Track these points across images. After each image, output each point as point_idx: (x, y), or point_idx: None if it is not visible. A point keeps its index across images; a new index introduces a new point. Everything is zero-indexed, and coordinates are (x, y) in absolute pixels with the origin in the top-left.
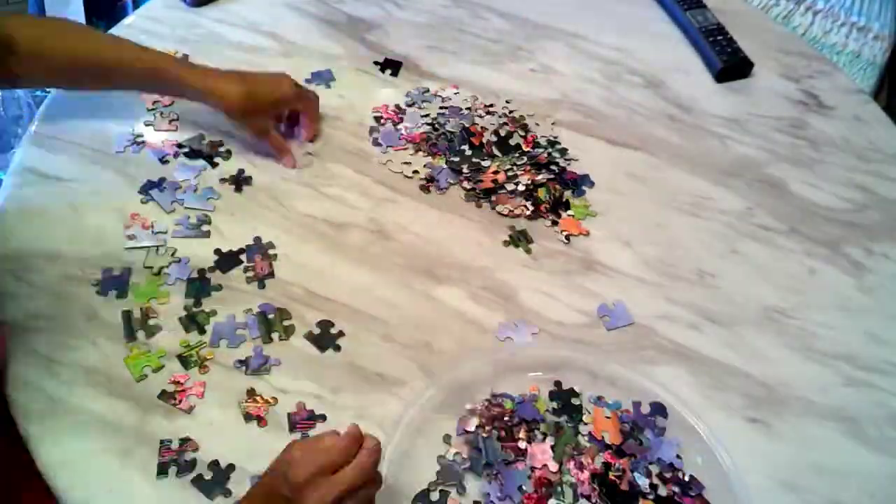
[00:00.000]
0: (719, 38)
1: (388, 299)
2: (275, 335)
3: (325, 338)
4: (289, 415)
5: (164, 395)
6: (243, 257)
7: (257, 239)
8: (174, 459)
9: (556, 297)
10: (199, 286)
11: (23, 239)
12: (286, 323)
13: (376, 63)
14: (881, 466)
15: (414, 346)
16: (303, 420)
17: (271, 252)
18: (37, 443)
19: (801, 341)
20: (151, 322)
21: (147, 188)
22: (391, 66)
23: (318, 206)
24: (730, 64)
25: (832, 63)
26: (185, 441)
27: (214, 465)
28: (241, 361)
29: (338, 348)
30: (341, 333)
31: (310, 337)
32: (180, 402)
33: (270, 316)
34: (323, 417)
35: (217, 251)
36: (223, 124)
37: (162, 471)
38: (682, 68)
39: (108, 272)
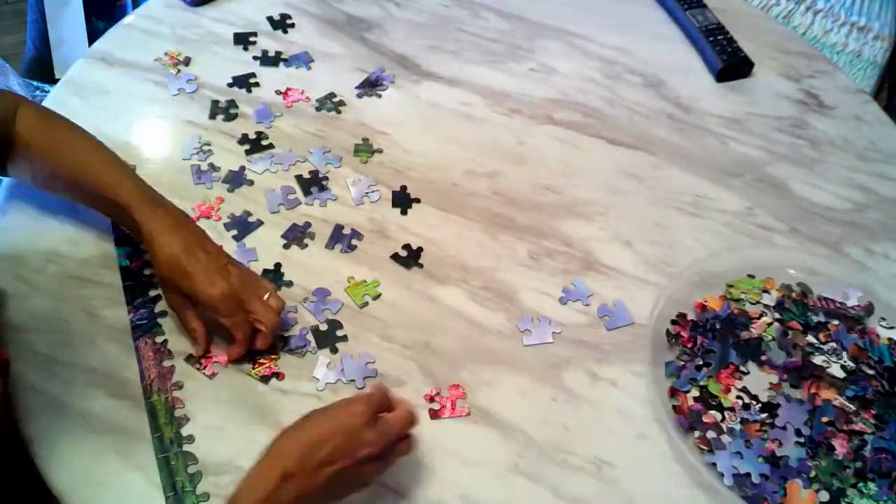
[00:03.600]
0: (719, 37)
1: (389, 299)
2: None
3: (327, 337)
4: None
5: (189, 359)
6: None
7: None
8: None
9: (556, 297)
10: (272, 277)
11: (23, 239)
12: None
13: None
14: None
15: (414, 346)
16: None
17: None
18: (36, 443)
19: None
20: None
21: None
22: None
23: (318, 205)
24: (730, 63)
25: (832, 63)
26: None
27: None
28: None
29: (335, 350)
30: (344, 337)
31: (316, 331)
32: (205, 367)
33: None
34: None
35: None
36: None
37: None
38: (682, 68)
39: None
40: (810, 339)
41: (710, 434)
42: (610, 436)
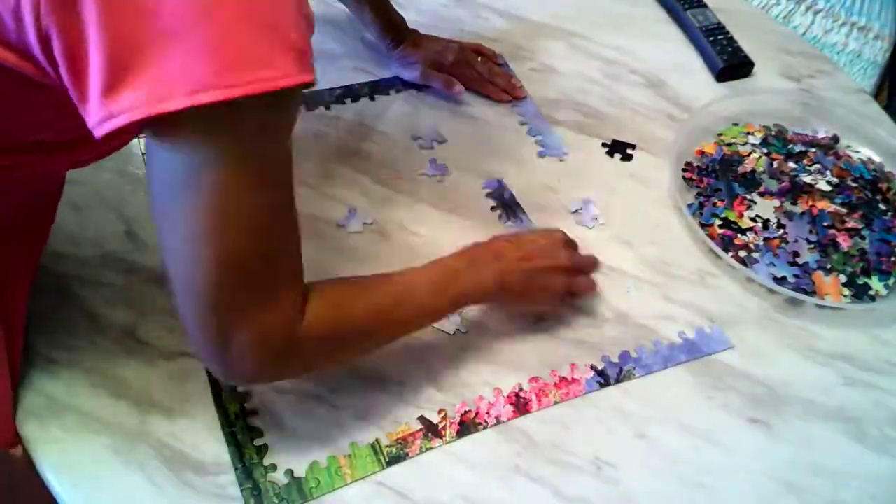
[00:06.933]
0: (720, 37)
1: None
2: None
3: None
4: None
5: None
6: None
7: None
8: None
9: None
10: None
11: None
12: None
13: (604, 145)
14: (882, 467)
15: (414, 347)
16: None
17: None
18: (36, 443)
19: (801, 341)
20: None
21: None
22: (620, 149)
23: (318, 206)
24: (730, 63)
25: (832, 63)
26: None
27: None
28: None
29: None
30: None
31: None
32: None
33: None
34: None
35: None
36: None
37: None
38: (683, 68)
39: None
40: (792, 164)
41: (742, 253)
42: (610, 436)
